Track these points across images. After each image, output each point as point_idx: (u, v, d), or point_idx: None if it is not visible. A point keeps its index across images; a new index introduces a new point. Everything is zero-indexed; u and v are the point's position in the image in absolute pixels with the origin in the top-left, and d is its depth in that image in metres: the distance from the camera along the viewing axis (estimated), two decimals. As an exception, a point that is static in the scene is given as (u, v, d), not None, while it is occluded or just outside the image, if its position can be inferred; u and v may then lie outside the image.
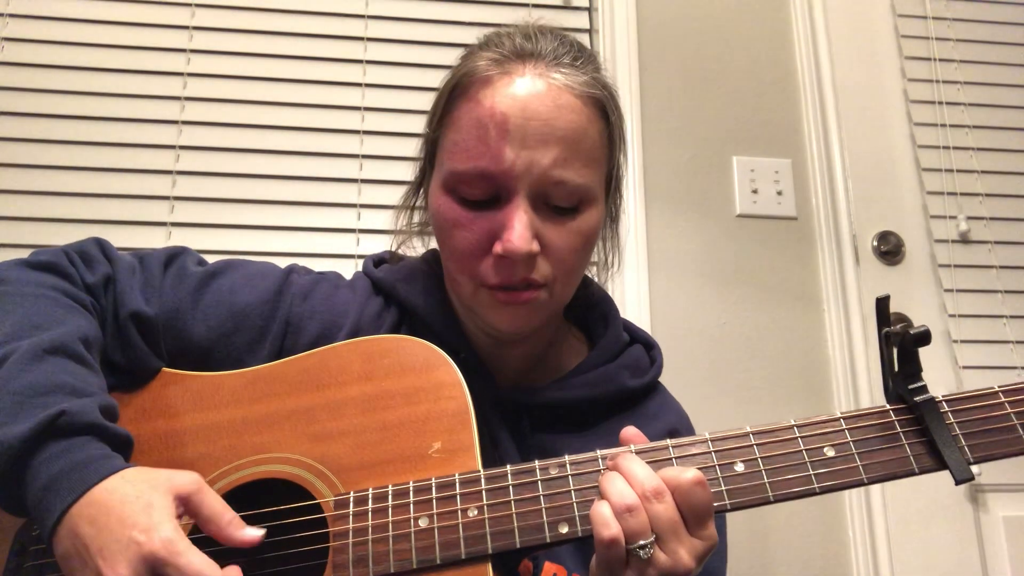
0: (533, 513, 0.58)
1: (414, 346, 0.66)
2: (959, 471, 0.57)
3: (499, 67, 0.67)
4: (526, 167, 0.64)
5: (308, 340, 0.72)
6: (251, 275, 0.75)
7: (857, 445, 0.60)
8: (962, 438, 0.59)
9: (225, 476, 0.63)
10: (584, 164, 0.66)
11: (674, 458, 0.59)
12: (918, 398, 0.60)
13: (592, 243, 0.71)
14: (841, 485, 0.58)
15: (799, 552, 1.39)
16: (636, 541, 0.53)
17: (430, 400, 0.63)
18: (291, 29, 1.52)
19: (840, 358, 1.49)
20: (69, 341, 0.62)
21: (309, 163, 1.47)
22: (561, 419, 0.74)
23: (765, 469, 0.59)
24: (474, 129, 0.66)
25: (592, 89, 0.68)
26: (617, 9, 1.61)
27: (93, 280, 0.70)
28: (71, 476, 0.54)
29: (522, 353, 0.77)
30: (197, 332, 0.70)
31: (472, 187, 0.66)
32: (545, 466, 0.60)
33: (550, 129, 0.64)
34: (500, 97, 0.65)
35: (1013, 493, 1.45)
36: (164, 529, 0.51)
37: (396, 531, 0.58)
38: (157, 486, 0.55)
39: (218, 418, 0.66)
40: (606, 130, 0.70)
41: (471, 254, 0.67)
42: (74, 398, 0.58)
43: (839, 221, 1.55)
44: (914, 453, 0.59)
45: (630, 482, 0.56)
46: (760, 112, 1.62)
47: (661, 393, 0.82)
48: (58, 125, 1.41)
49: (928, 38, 1.67)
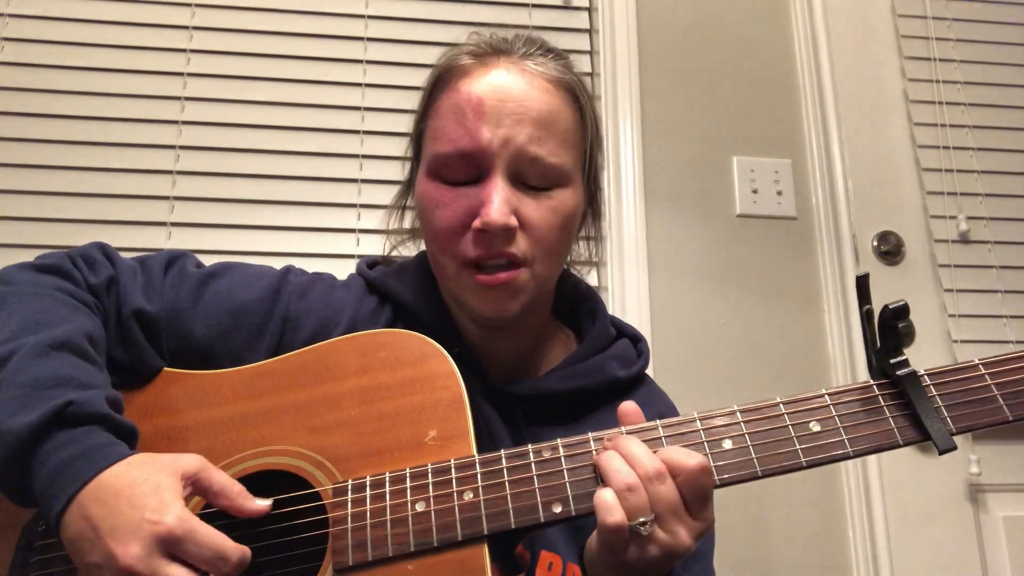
0: (527, 494, 0.59)
1: (409, 339, 0.68)
2: (942, 441, 0.59)
3: (476, 59, 0.73)
4: (502, 143, 0.68)
5: (305, 336, 0.73)
6: (249, 276, 0.77)
7: (842, 419, 0.61)
8: (944, 409, 0.61)
9: (227, 469, 0.64)
10: (558, 144, 0.71)
11: (663, 437, 0.61)
12: (900, 372, 0.61)
13: (570, 225, 0.73)
14: (828, 459, 0.60)
15: (799, 552, 1.39)
16: (636, 519, 0.55)
17: (425, 390, 0.65)
18: (291, 29, 1.52)
19: (840, 358, 1.49)
20: (74, 338, 0.63)
21: (309, 163, 1.47)
22: (553, 411, 0.76)
23: (753, 445, 0.60)
24: (453, 114, 0.70)
25: (563, 75, 0.73)
26: (617, 9, 1.61)
27: (96, 281, 0.71)
28: (79, 463, 0.55)
29: (513, 347, 0.78)
30: (197, 330, 0.72)
31: (454, 168, 0.70)
32: (538, 449, 0.61)
33: (524, 109, 0.69)
34: (477, 84, 0.70)
35: (1013, 493, 1.45)
36: (175, 508, 0.53)
37: (394, 515, 0.59)
38: (163, 468, 0.56)
39: (219, 414, 0.67)
40: (578, 113, 0.74)
41: (451, 230, 0.70)
42: (81, 390, 0.59)
43: (839, 221, 1.55)
44: (898, 425, 0.61)
45: (630, 462, 0.57)
46: (760, 112, 1.62)
47: (649, 384, 0.84)
48: (58, 125, 1.41)
49: (928, 38, 1.67)
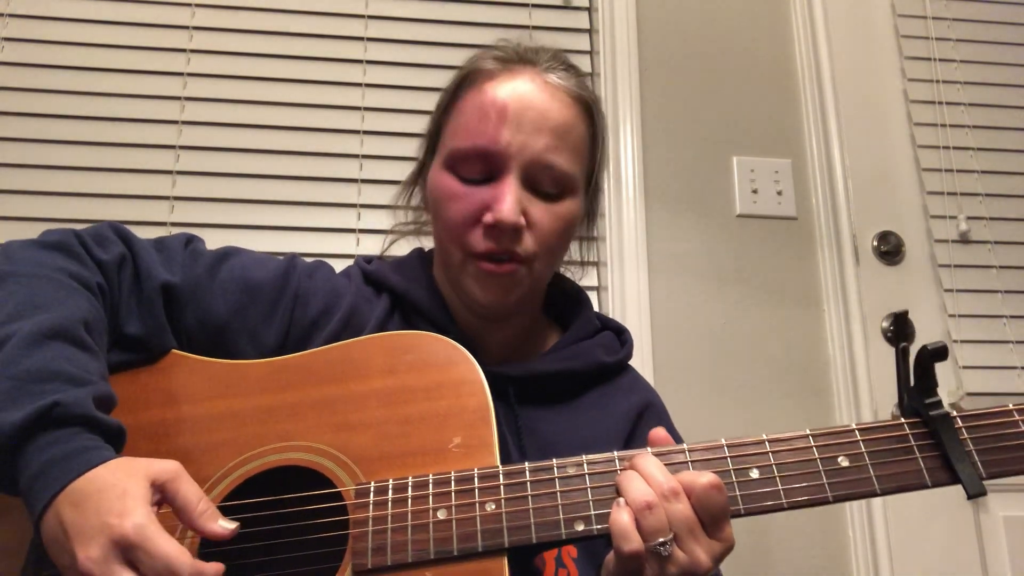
0: (550, 509, 0.59)
1: (436, 343, 0.68)
2: (972, 486, 0.58)
3: (503, 65, 0.77)
4: (520, 148, 0.72)
5: (314, 313, 0.77)
6: (258, 257, 0.80)
7: (871, 456, 0.60)
8: (975, 454, 0.60)
9: (250, 462, 0.64)
10: (571, 154, 0.75)
11: (690, 462, 0.60)
12: (933, 412, 0.61)
13: (571, 231, 0.78)
14: (855, 495, 0.59)
15: (799, 552, 1.39)
16: (656, 539, 0.55)
17: (451, 396, 0.65)
18: (291, 29, 1.52)
19: (840, 358, 1.49)
20: (70, 325, 0.63)
21: (309, 163, 1.47)
22: (543, 392, 0.78)
23: (780, 476, 0.60)
24: (476, 113, 0.74)
25: (581, 92, 0.78)
26: (617, 9, 1.61)
27: (106, 258, 0.71)
28: (60, 465, 0.56)
29: (503, 337, 0.81)
30: (216, 306, 0.74)
31: (469, 165, 0.74)
32: (563, 464, 0.61)
33: (544, 119, 0.73)
34: (502, 88, 0.74)
35: (1013, 493, 1.45)
36: (137, 514, 0.52)
37: (415, 521, 0.59)
38: (134, 473, 0.56)
39: (243, 405, 0.67)
40: (591, 129, 0.79)
41: (463, 223, 0.73)
42: (71, 387, 0.59)
43: (839, 221, 1.55)
44: (927, 467, 0.60)
45: (648, 482, 0.57)
46: (760, 112, 1.62)
47: (632, 371, 0.88)
48: (58, 125, 1.41)
49: (928, 38, 1.67)
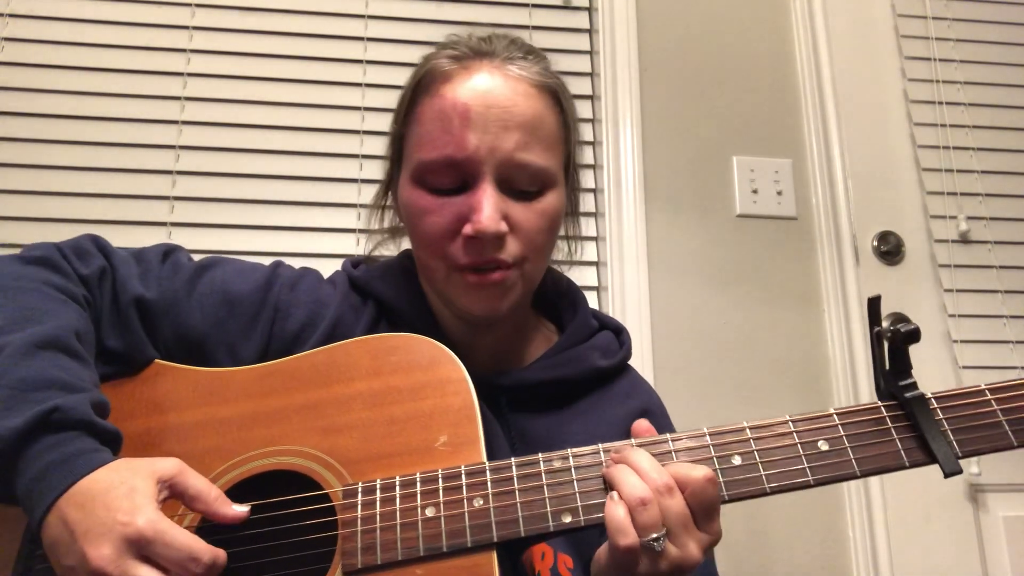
0: (537, 503, 0.60)
1: (421, 344, 0.68)
2: (948, 464, 0.60)
3: (458, 63, 0.71)
4: (489, 151, 0.67)
5: (295, 326, 0.74)
6: (241, 268, 0.78)
7: (850, 439, 0.62)
8: (951, 433, 0.62)
9: (237, 467, 0.64)
10: (544, 148, 0.70)
11: (673, 451, 0.61)
12: (908, 395, 0.62)
13: (556, 225, 0.74)
14: (835, 477, 0.61)
15: (799, 552, 1.39)
16: (649, 535, 0.55)
17: (436, 395, 0.65)
18: (291, 29, 1.52)
19: (840, 358, 1.49)
20: (62, 335, 0.63)
21: (309, 163, 1.47)
22: (536, 400, 0.76)
23: (761, 462, 0.61)
24: (438, 121, 0.69)
25: (545, 78, 0.72)
26: (617, 9, 1.61)
27: (87, 272, 0.71)
28: (61, 468, 0.56)
29: (493, 341, 0.79)
30: (193, 319, 0.72)
31: (439, 176, 0.69)
32: (549, 458, 0.61)
33: (510, 115, 0.68)
34: (461, 89, 0.69)
35: (1013, 493, 1.45)
36: (147, 510, 0.53)
37: (404, 520, 0.59)
38: (139, 472, 0.56)
39: (228, 412, 0.67)
40: (561, 116, 0.74)
41: (441, 237, 0.69)
42: (67, 394, 0.59)
43: (839, 221, 1.55)
44: (905, 447, 0.62)
45: (642, 477, 0.57)
46: (760, 112, 1.62)
47: (632, 374, 0.84)
48: (58, 125, 1.41)
49: (928, 38, 1.67)
